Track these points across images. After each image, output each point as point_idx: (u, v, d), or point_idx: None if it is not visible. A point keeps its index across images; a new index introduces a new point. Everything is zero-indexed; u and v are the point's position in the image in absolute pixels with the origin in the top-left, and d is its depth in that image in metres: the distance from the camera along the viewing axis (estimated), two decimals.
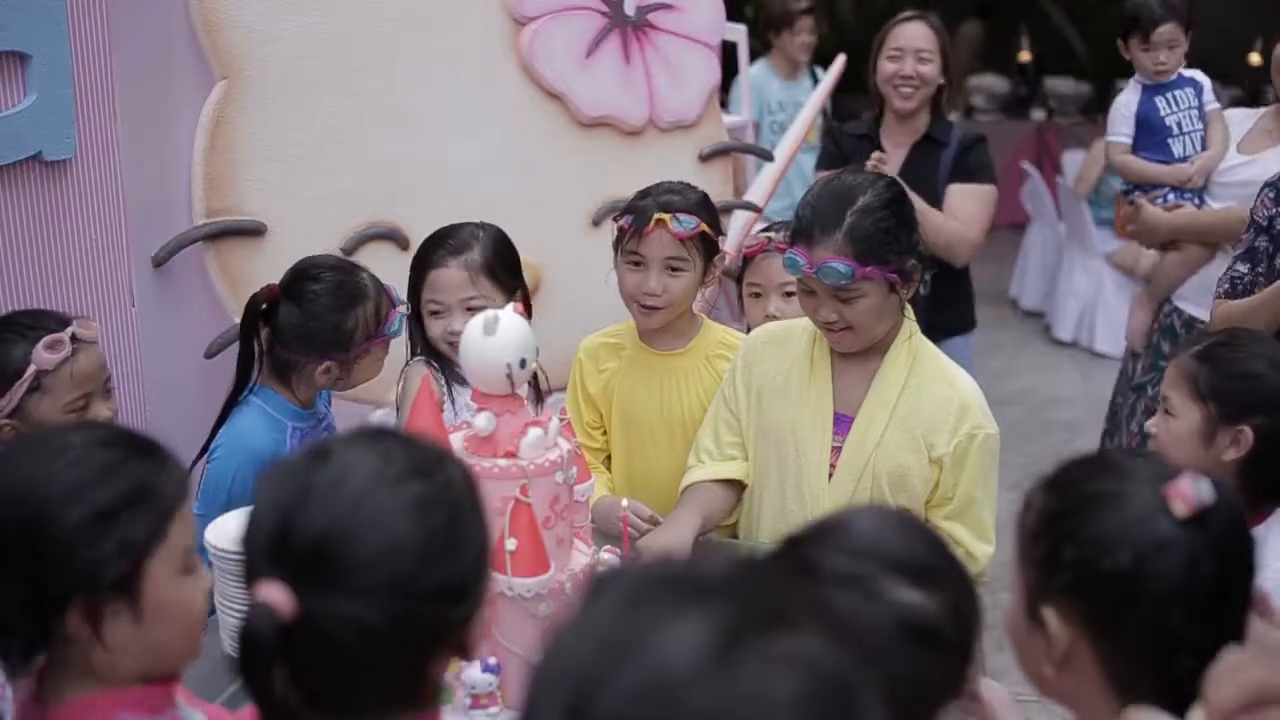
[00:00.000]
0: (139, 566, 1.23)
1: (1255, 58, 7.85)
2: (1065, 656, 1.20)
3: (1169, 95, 3.43)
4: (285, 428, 2.32)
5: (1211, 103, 3.44)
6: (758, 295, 2.62)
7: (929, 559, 1.19)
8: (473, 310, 2.21)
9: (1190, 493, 1.16)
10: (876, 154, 3.24)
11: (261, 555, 1.11)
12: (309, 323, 2.28)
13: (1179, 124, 3.41)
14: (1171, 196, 3.38)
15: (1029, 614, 1.23)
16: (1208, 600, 1.16)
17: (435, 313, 2.39)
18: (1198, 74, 3.48)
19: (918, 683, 1.12)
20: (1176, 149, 3.40)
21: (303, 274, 2.33)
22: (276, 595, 1.08)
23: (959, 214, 3.25)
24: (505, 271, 2.42)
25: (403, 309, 2.40)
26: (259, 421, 2.30)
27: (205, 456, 2.30)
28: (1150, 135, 3.43)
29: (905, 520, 1.27)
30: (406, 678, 1.14)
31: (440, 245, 2.41)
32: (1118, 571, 1.16)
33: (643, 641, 0.71)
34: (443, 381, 2.39)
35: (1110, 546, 1.17)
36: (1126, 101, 3.49)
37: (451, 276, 2.37)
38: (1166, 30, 3.38)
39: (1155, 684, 1.17)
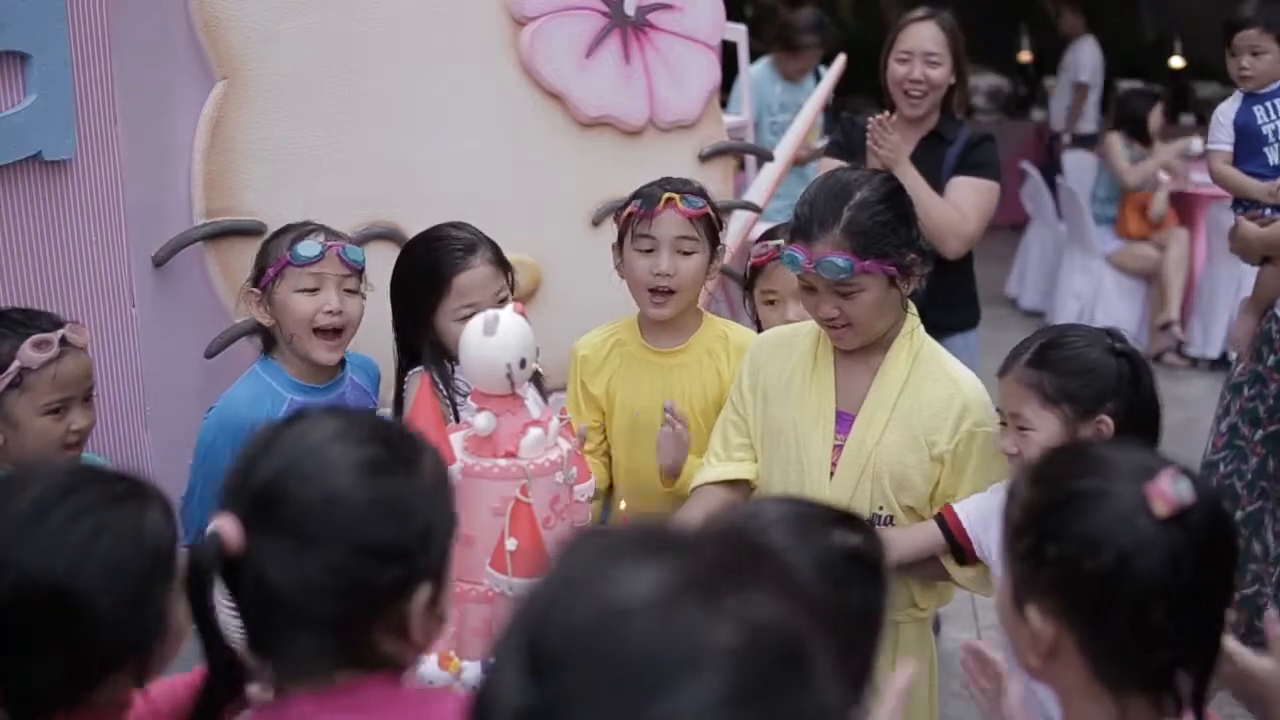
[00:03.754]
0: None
1: None
2: (1050, 650, 1.22)
3: (1269, 103, 3.39)
4: (284, 400, 2.29)
5: None
6: (773, 302, 2.62)
7: (840, 511, 1.36)
8: (502, 302, 2.22)
9: (1170, 492, 1.16)
10: (878, 116, 3.15)
11: (226, 494, 1.19)
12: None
13: (1275, 132, 3.37)
14: (1268, 212, 3.35)
15: (1014, 607, 1.25)
16: (1188, 597, 1.18)
17: (467, 316, 2.36)
18: None
19: (870, 611, 1.29)
20: (1273, 157, 3.36)
21: None
22: (227, 526, 1.14)
23: (957, 206, 3.23)
24: (505, 261, 2.43)
25: (324, 242, 2.31)
26: (249, 393, 2.29)
27: None
28: (1248, 144, 3.40)
29: (789, 495, 1.42)
30: (340, 635, 1.18)
31: (448, 250, 2.38)
32: (1100, 572, 1.18)
33: (599, 581, 0.74)
34: (444, 394, 2.35)
35: (1093, 547, 1.18)
36: (1226, 110, 3.47)
37: (482, 275, 2.35)
38: (1249, 35, 3.36)
39: (1139, 675, 1.20)
